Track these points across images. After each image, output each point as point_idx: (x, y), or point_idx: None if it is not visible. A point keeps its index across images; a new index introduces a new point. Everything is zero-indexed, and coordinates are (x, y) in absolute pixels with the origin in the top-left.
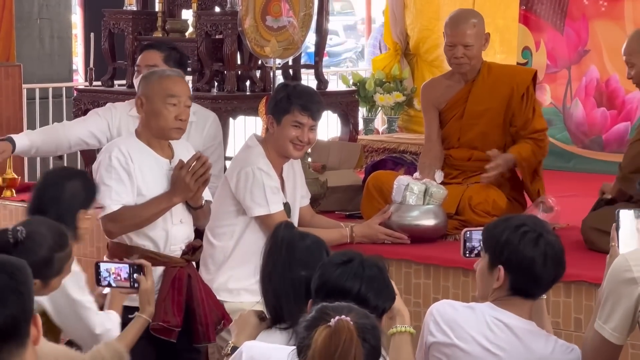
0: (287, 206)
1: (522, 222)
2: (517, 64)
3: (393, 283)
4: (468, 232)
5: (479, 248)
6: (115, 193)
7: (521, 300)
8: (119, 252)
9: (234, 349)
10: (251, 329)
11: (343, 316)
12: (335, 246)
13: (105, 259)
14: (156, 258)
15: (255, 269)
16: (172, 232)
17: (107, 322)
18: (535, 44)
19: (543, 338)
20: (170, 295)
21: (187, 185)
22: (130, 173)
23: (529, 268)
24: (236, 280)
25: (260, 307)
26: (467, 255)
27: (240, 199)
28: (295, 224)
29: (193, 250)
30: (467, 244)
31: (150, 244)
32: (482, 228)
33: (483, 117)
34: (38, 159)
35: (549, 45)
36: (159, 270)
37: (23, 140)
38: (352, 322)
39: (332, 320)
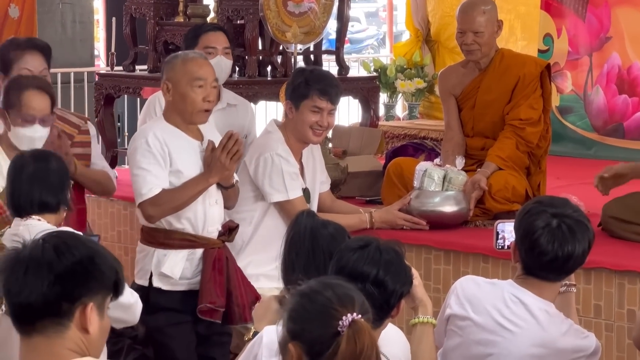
0: (306, 192)
1: (540, 200)
2: (539, 50)
3: (415, 271)
4: (500, 224)
5: (511, 239)
6: (155, 177)
7: (538, 282)
8: (158, 237)
9: (256, 334)
10: (272, 314)
11: (356, 315)
12: (355, 232)
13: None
14: (195, 240)
15: (274, 255)
16: (209, 213)
17: (133, 292)
18: (557, 30)
19: (558, 319)
20: (212, 277)
21: (223, 164)
22: (165, 158)
23: (533, 244)
24: (255, 265)
25: (278, 293)
26: (499, 247)
27: (259, 185)
28: (315, 209)
29: (229, 231)
30: (500, 235)
31: (189, 226)
32: (513, 220)
33: (491, 107)
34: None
35: (570, 32)
36: (198, 252)
37: None
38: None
39: (345, 320)
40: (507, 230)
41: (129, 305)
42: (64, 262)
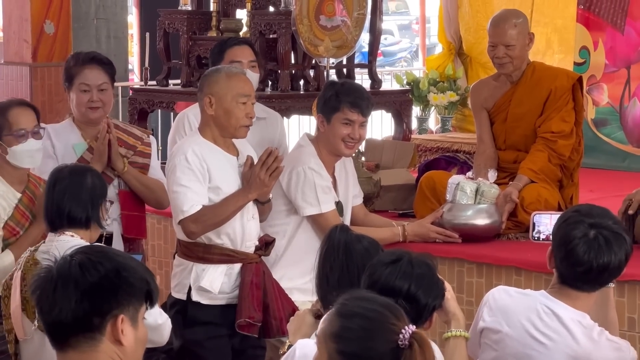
0: (339, 205)
1: (578, 209)
2: (575, 63)
3: (447, 284)
4: (537, 216)
5: (547, 232)
6: (195, 194)
7: (573, 292)
8: (197, 251)
9: (290, 347)
10: (307, 327)
11: (413, 328)
12: (388, 245)
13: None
14: (234, 255)
15: (307, 268)
16: (247, 228)
17: (162, 313)
18: (594, 43)
19: (592, 331)
20: (250, 292)
21: (262, 180)
22: (205, 174)
23: (568, 253)
24: (289, 279)
25: (312, 306)
26: (535, 238)
27: (292, 199)
28: (348, 222)
29: (266, 245)
30: (536, 226)
31: (229, 241)
32: (550, 212)
33: (523, 120)
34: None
35: (607, 44)
36: (236, 267)
37: None
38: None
39: (405, 333)
40: (543, 223)
41: (156, 326)
42: (89, 278)
